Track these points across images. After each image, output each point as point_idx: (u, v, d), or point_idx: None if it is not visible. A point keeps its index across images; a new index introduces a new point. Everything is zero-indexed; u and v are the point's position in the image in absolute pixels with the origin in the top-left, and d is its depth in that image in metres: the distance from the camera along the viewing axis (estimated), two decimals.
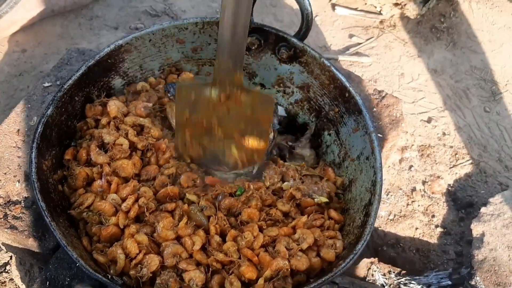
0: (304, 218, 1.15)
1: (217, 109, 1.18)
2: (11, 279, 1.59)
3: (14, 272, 1.56)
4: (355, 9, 2.35)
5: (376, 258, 1.68)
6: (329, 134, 1.41)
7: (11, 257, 1.62)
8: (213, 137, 1.22)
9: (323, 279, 1.04)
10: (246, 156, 1.24)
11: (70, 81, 1.24)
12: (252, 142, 1.22)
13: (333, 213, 1.21)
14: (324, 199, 1.22)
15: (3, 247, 1.54)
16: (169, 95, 1.38)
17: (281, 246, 1.10)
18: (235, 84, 1.14)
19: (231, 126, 1.20)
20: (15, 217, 1.28)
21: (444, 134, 2.03)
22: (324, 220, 1.19)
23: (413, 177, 1.91)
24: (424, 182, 1.90)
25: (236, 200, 1.17)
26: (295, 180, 1.26)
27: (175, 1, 2.28)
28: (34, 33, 2.10)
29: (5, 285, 1.59)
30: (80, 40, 2.11)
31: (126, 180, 1.19)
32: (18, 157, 1.38)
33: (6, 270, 1.61)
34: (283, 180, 1.26)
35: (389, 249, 1.80)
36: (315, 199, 1.21)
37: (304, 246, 1.10)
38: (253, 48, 1.43)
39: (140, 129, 1.26)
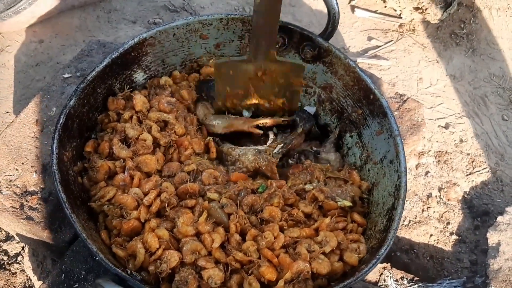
0: (327, 220, 1.14)
1: (253, 81, 1.32)
2: (22, 270, 1.58)
3: (26, 263, 1.55)
4: (375, 12, 2.33)
5: (389, 264, 1.66)
6: (351, 136, 1.39)
7: (23, 247, 1.61)
8: (250, 99, 1.38)
9: (345, 283, 1.03)
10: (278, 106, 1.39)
11: (94, 73, 1.22)
12: (284, 101, 1.39)
13: (356, 216, 1.19)
14: (347, 203, 1.20)
15: (16, 237, 1.53)
16: (202, 94, 1.37)
17: (302, 248, 1.09)
18: (269, 59, 1.28)
19: (267, 92, 1.36)
20: (31, 208, 1.27)
21: (461, 140, 2.00)
22: (347, 223, 1.17)
23: (429, 183, 1.89)
24: (440, 189, 1.88)
25: (258, 197, 1.15)
26: (318, 182, 1.24)
27: None
28: (51, 25, 2.09)
29: (16, 276, 1.58)
30: (98, 33, 2.09)
31: (148, 175, 1.18)
32: (36, 147, 1.37)
33: (18, 261, 1.60)
34: (309, 181, 1.25)
35: (402, 254, 1.78)
36: (338, 203, 1.19)
37: (327, 249, 1.08)
38: (277, 46, 1.41)
39: (163, 125, 1.25)
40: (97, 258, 0.99)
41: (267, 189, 1.19)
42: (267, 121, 1.35)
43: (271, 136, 1.34)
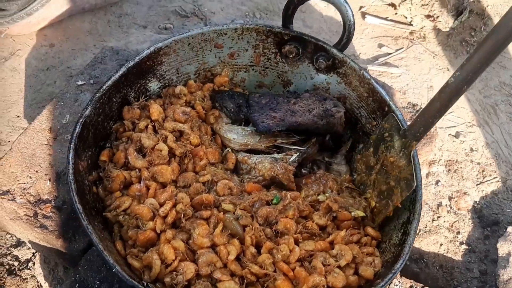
0: (342, 233, 1.14)
1: (384, 158, 1.25)
2: (33, 276, 1.58)
3: (38, 269, 1.55)
4: (385, 19, 2.33)
5: (399, 273, 1.66)
6: None
7: (33, 254, 1.61)
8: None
9: None
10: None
11: (109, 82, 1.23)
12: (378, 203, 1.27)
13: (370, 230, 1.19)
14: (361, 213, 1.20)
15: (28, 243, 1.54)
16: (217, 105, 1.37)
17: (317, 262, 1.09)
18: (408, 150, 1.19)
19: (381, 178, 1.26)
20: (45, 216, 1.28)
21: (471, 150, 2.00)
22: (361, 236, 1.17)
23: (439, 192, 1.89)
24: (450, 198, 1.88)
25: (273, 209, 1.15)
26: (332, 192, 1.24)
27: (205, 2, 2.27)
28: (62, 29, 2.09)
29: (26, 282, 1.59)
30: (109, 38, 2.10)
31: (163, 185, 1.18)
32: (50, 155, 1.37)
33: (28, 267, 1.60)
34: (322, 191, 1.25)
35: (412, 264, 1.77)
36: (352, 213, 1.19)
37: (343, 263, 1.08)
38: (291, 56, 1.42)
39: (179, 135, 1.25)
40: (113, 270, 0.99)
41: (282, 200, 1.19)
42: (284, 140, 1.34)
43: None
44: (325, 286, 1.06)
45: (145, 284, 1.04)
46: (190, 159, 1.23)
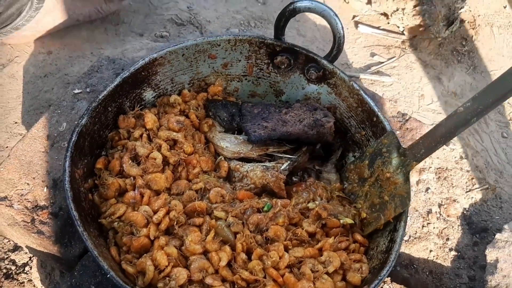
0: (331, 240, 1.17)
1: (380, 173, 1.28)
2: (30, 280, 1.61)
3: (34, 273, 1.58)
4: (378, 28, 2.37)
5: (389, 278, 1.69)
6: (354, 156, 1.43)
7: (30, 258, 1.64)
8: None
9: None
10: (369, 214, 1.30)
11: (105, 92, 1.26)
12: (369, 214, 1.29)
13: (358, 236, 1.23)
14: (349, 221, 1.23)
15: (25, 248, 1.56)
16: (210, 114, 1.40)
17: (306, 269, 1.12)
18: (406, 169, 1.23)
19: (374, 191, 1.29)
20: (42, 222, 1.31)
21: (461, 157, 2.04)
22: (349, 243, 1.21)
23: (429, 199, 1.92)
24: (440, 205, 1.91)
25: (264, 216, 1.19)
26: (322, 200, 1.27)
27: (200, 11, 2.31)
28: (60, 36, 2.13)
29: (23, 286, 1.61)
30: (106, 45, 2.13)
31: (157, 193, 1.21)
32: (47, 162, 1.40)
33: (25, 271, 1.63)
34: (312, 199, 1.28)
35: (402, 269, 1.81)
36: (341, 220, 1.23)
37: (331, 269, 1.12)
38: (283, 67, 1.45)
39: (173, 143, 1.28)
40: (108, 276, 1.03)
41: (272, 208, 1.22)
42: (275, 149, 1.38)
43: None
44: None
45: None
46: (184, 167, 1.26)
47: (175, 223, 1.15)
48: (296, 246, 1.18)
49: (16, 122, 1.92)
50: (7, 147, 1.84)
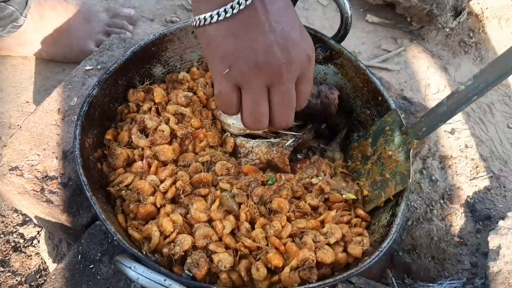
0: (333, 213, 1.19)
1: (382, 151, 1.30)
2: (38, 253, 1.64)
3: (42, 246, 1.62)
4: (386, 18, 2.39)
5: (391, 263, 1.71)
6: (359, 136, 1.45)
7: (38, 232, 1.67)
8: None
9: (348, 272, 1.08)
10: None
11: (116, 65, 1.29)
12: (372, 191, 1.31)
13: (360, 211, 1.24)
14: (352, 196, 1.25)
15: (35, 220, 1.60)
16: None
17: (308, 238, 1.14)
18: (408, 147, 1.23)
19: (376, 169, 1.31)
20: (51, 192, 1.34)
21: (466, 146, 2.05)
22: (351, 217, 1.23)
23: (433, 187, 1.94)
24: (443, 192, 1.93)
25: (267, 189, 1.21)
26: (325, 175, 1.29)
27: None
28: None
29: (31, 259, 1.65)
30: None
31: (164, 164, 1.24)
32: (57, 134, 1.43)
33: (33, 244, 1.66)
34: (316, 175, 1.30)
35: (404, 254, 1.82)
36: (343, 195, 1.25)
37: (332, 240, 1.14)
38: None
39: (181, 118, 1.31)
40: (115, 239, 1.05)
41: (277, 181, 1.24)
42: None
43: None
44: (314, 261, 1.11)
45: (144, 253, 1.10)
46: (191, 140, 1.29)
47: (181, 192, 1.18)
48: (299, 218, 1.20)
49: (27, 102, 1.96)
50: (17, 125, 1.87)
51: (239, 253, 1.11)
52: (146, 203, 1.15)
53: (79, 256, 1.26)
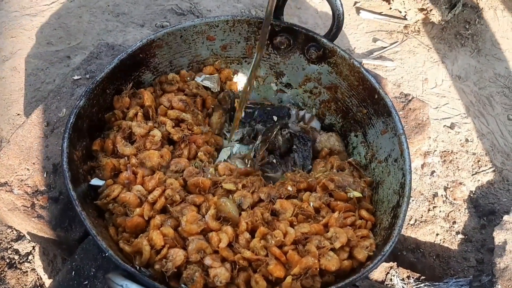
0: (336, 214, 1.14)
1: None
2: (33, 269, 1.61)
3: (37, 262, 1.58)
4: (380, 14, 2.35)
5: (395, 263, 1.67)
6: (356, 136, 1.41)
7: (33, 247, 1.64)
8: None
9: (350, 279, 1.04)
10: None
11: (103, 74, 1.25)
12: None
13: (364, 213, 1.20)
14: (357, 194, 1.20)
15: (27, 237, 1.56)
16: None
17: (311, 246, 1.08)
18: None
19: None
20: (42, 207, 1.30)
21: (467, 140, 2.01)
22: (355, 218, 1.18)
23: (435, 183, 1.90)
24: (446, 188, 1.89)
25: (272, 188, 1.19)
26: (333, 169, 1.26)
27: (201, 1, 2.30)
28: (62, 28, 2.13)
29: (27, 275, 1.61)
30: (107, 36, 2.13)
31: (152, 171, 1.20)
32: (46, 147, 1.39)
33: (28, 260, 1.63)
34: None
35: (408, 254, 1.79)
36: (348, 194, 1.20)
37: (337, 245, 1.09)
38: (282, 47, 1.44)
39: (177, 122, 1.27)
40: (106, 254, 1.01)
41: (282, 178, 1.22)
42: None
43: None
44: (318, 269, 1.06)
45: (137, 268, 1.05)
46: (186, 144, 1.25)
47: (171, 202, 1.14)
48: (302, 222, 1.16)
49: (18, 114, 1.92)
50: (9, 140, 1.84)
51: (237, 266, 1.06)
52: (132, 216, 1.10)
53: (73, 272, 1.22)
